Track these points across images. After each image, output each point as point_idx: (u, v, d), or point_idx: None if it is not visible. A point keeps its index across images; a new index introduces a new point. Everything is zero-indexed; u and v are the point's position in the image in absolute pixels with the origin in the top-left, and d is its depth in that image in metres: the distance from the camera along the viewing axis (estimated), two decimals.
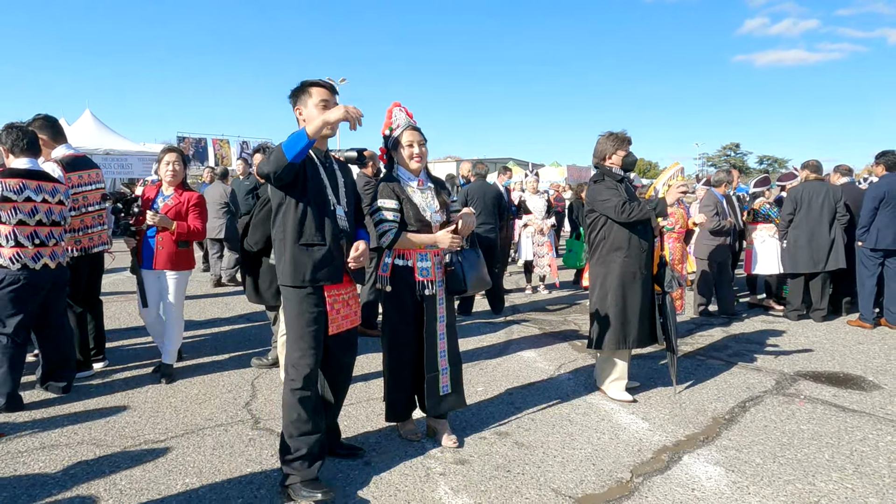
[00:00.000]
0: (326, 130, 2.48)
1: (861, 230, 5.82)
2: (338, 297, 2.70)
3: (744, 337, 5.48)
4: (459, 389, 3.16)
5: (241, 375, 4.27)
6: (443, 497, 2.59)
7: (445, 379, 3.08)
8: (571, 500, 2.57)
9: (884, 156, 5.89)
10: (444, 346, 3.07)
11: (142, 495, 2.58)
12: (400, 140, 3.01)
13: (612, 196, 3.62)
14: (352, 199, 2.83)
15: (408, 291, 2.99)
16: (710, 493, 2.63)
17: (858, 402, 3.79)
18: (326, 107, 2.61)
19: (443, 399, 3.07)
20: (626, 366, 3.78)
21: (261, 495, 2.59)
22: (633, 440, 3.19)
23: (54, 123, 4.16)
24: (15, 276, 3.49)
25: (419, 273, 2.99)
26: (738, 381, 4.19)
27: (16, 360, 3.54)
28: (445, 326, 3.08)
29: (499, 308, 6.50)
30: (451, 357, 3.11)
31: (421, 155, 3.01)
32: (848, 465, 2.91)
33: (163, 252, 4.04)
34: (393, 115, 3.06)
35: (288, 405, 2.58)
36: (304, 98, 2.66)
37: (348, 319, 2.77)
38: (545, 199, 7.97)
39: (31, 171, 3.60)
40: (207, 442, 3.14)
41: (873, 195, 5.74)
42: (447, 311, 3.10)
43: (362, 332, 5.32)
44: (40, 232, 3.57)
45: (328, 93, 2.68)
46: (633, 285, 3.68)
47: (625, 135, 3.77)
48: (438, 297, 3.04)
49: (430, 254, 3.02)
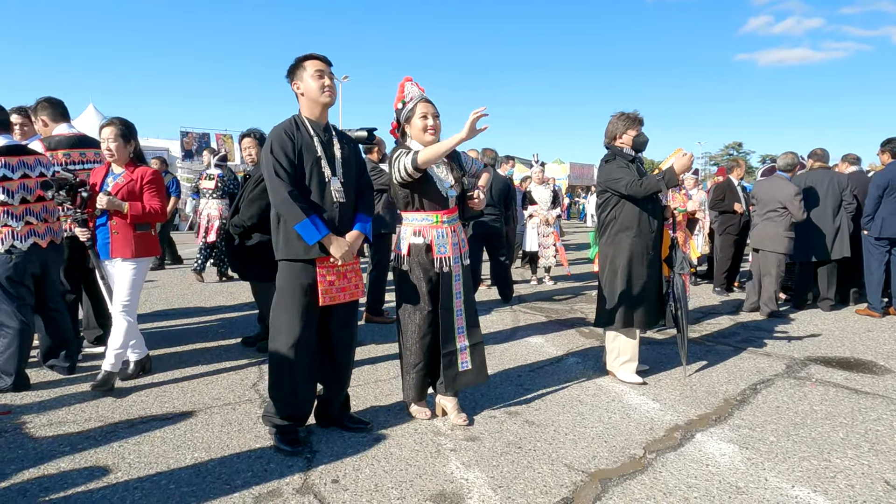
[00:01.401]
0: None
1: (866, 219, 5.78)
2: (332, 268, 2.72)
3: (752, 324, 5.45)
4: (481, 366, 3.10)
5: (248, 357, 4.24)
6: (454, 471, 2.56)
7: (465, 355, 3.04)
8: (584, 475, 2.55)
9: (889, 143, 5.80)
10: (461, 323, 3.02)
11: (151, 468, 2.56)
12: (413, 113, 2.97)
13: (625, 175, 3.59)
14: (351, 173, 2.84)
15: (423, 270, 2.96)
16: (724, 469, 2.60)
17: (870, 384, 3.76)
18: (322, 76, 2.72)
19: (461, 374, 3.03)
20: (635, 348, 3.75)
21: (270, 468, 2.57)
22: (644, 419, 3.17)
23: (56, 104, 4.12)
24: (6, 257, 3.47)
25: (437, 250, 2.95)
26: (748, 365, 4.16)
27: (22, 339, 3.52)
28: (463, 303, 3.03)
29: (508, 296, 6.47)
30: (471, 334, 3.07)
31: (435, 127, 2.97)
32: (863, 444, 2.88)
33: (119, 238, 3.52)
34: (405, 89, 3.02)
35: (270, 366, 2.76)
36: (300, 73, 2.76)
37: (346, 292, 2.78)
38: (550, 190, 7.93)
39: (10, 146, 3.54)
40: (216, 419, 3.11)
41: (877, 183, 5.68)
42: (465, 288, 3.05)
43: (368, 318, 5.32)
44: (28, 209, 3.54)
45: (322, 63, 2.75)
46: (641, 265, 3.66)
47: (637, 115, 3.74)
48: (455, 273, 3.00)
49: (447, 230, 2.98)
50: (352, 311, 2.93)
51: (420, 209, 2.96)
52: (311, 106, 2.77)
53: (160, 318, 5.53)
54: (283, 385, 2.76)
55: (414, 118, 2.96)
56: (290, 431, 2.79)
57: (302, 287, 2.69)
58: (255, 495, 2.35)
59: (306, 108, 2.79)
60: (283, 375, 2.75)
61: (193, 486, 2.41)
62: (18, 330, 3.49)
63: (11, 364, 3.47)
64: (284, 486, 2.42)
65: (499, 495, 2.37)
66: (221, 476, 2.50)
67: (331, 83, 2.77)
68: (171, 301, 6.37)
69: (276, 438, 2.77)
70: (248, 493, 2.36)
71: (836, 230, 5.99)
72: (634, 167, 3.67)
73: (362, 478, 2.50)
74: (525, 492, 2.40)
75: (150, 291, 6.88)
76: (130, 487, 2.40)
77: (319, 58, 2.76)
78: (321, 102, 2.75)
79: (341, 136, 2.88)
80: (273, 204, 2.66)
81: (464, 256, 3.07)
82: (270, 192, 2.65)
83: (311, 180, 2.69)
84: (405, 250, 2.98)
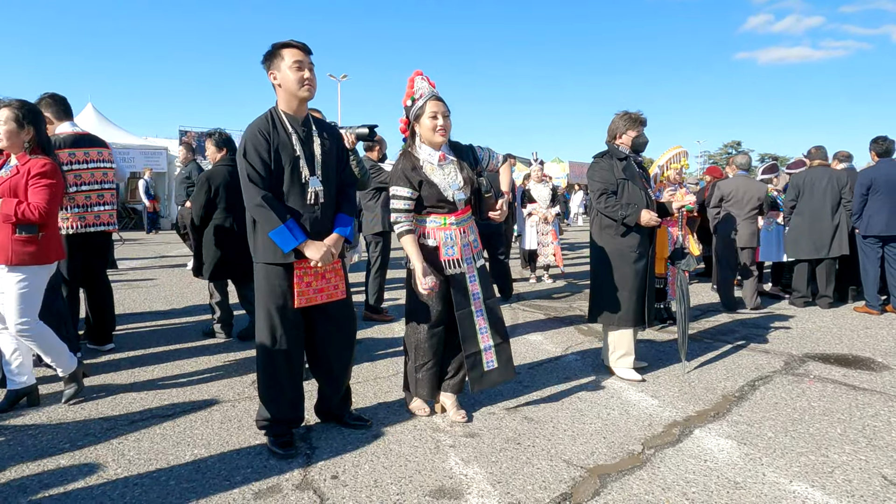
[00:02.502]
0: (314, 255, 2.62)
1: (854, 217, 5.87)
2: (309, 269, 2.66)
3: (750, 322, 5.46)
4: (507, 363, 3.06)
5: (247, 356, 4.24)
6: (453, 467, 2.57)
7: (490, 354, 2.99)
8: (583, 471, 2.55)
9: (875, 142, 5.92)
10: (483, 323, 2.98)
11: (150, 465, 2.56)
12: (423, 111, 2.87)
13: (601, 181, 3.68)
14: (332, 170, 2.74)
15: (432, 269, 2.88)
16: (722, 464, 2.61)
17: (868, 381, 3.77)
18: (300, 68, 2.57)
19: (487, 374, 3.00)
20: (631, 341, 3.76)
21: (270, 465, 2.57)
22: (643, 416, 3.17)
23: (59, 101, 4.11)
24: None
25: (444, 252, 2.92)
26: (746, 362, 4.17)
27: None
28: (483, 303, 2.99)
29: (507, 294, 6.46)
30: (495, 333, 3.02)
31: (445, 127, 2.86)
32: (861, 439, 2.89)
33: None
34: (415, 84, 2.91)
35: (257, 368, 2.75)
36: (277, 62, 2.59)
37: (323, 293, 2.72)
38: (549, 188, 7.94)
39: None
40: (215, 416, 3.12)
41: (861, 182, 5.80)
42: (482, 288, 3.00)
43: (367, 316, 5.33)
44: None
45: (301, 53, 2.59)
46: (624, 263, 3.66)
47: (639, 115, 3.74)
48: (469, 274, 2.96)
49: (455, 232, 2.93)
50: (343, 312, 2.84)
51: (426, 213, 2.92)
52: (288, 99, 2.63)
53: (159, 318, 5.53)
54: (270, 386, 2.71)
55: (423, 117, 2.86)
56: (282, 434, 2.73)
57: (280, 289, 2.64)
58: (255, 491, 2.35)
59: (283, 101, 2.65)
60: (269, 376, 2.70)
61: (193, 483, 2.42)
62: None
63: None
64: (284, 482, 2.43)
65: (498, 491, 2.37)
66: (221, 472, 2.51)
67: (311, 76, 2.61)
68: (170, 300, 6.38)
69: (270, 441, 2.71)
70: (247, 489, 2.36)
71: (836, 228, 6.01)
72: (622, 166, 3.68)
73: (362, 474, 2.51)
74: (524, 487, 2.40)
75: (149, 290, 6.88)
76: (130, 484, 2.40)
77: (298, 46, 2.58)
78: (299, 97, 2.61)
79: (321, 129, 2.75)
80: (248, 209, 2.58)
81: (477, 256, 3.02)
82: (245, 196, 2.56)
83: (288, 181, 2.59)
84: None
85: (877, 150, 5.88)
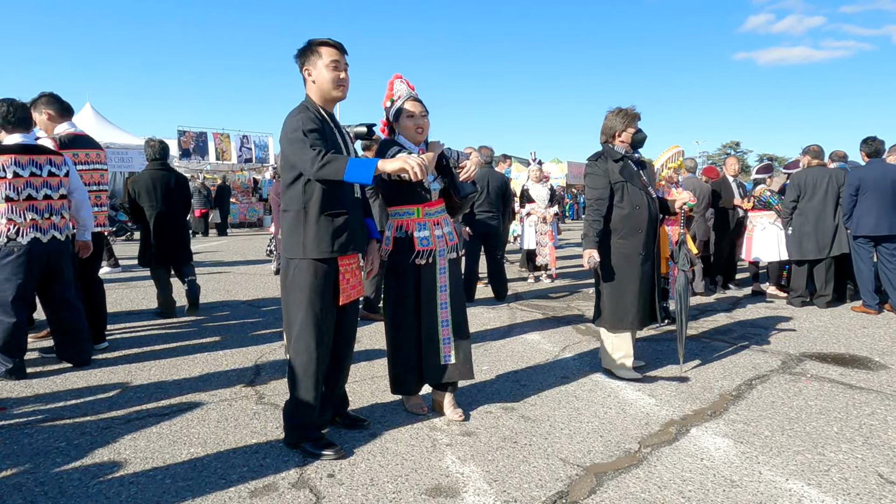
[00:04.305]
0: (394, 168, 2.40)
1: (845, 217, 5.91)
2: (348, 266, 2.69)
3: (748, 321, 5.46)
4: (466, 361, 3.07)
5: (244, 355, 4.24)
6: (450, 466, 2.57)
7: (448, 348, 3.01)
8: (580, 469, 2.55)
9: (865, 143, 5.96)
10: (445, 316, 3.01)
11: (147, 463, 2.56)
12: (401, 111, 2.97)
13: (591, 187, 3.68)
14: None
15: (408, 264, 2.96)
16: (719, 463, 2.61)
17: (865, 380, 3.77)
18: (337, 68, 2.59)
19: (444, 368, 3.02)
20: (630, 344, 3.76)
21: (266, 463, 2.57)
22: (639, 414, 3.17)
23: (59, 100, 4.13)
24: (8, 250, 3.49)
25: (418, 243, 2.96)
26: (743, 361, 4.18)
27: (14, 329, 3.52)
28: (449, 296, 3.02)
29: (502, 294, 6.47)
30: (456, 329, 3.04)
31: (422, 126, 2.96)
32: (857, 438, 2.89)
33: None
34: (394, 87, 3.02)
35: (295, 372, 2.60)
36: (314, 59, 2.60)
37: (356, 290, 2.80)
38: (548, 188, 7.94)
39: (24, 146, 3.58)
40: (212, 415, 3.11)
41: (850, 182, 5.84)
42: (451, 282, 3.04)
43: (365, 315, 5.33)
44: (32, 206, 3.56)
45: (338, 52, 2.60)
46: (628, 266, 3.65)
47: (633, 111, 3.73)
48: (440, 265, 3.01)
49: (428, 223, 2.99)
50: (356, 309, 2.93)
51: (402, 203, 2.98)
52: (321, 96, 2.63)
53: (156, 317, 5.53)
54: (316, 389, 2.63)
55: (402, 117, 2.96)
56: (319, 436, 2.68)
57: (325, 287, 2.59)
58: (251, 490, 2.35)
59: (316, 97, 2.64)
60: (316, 380, 2.61)
61: (189, 481, 2.41)
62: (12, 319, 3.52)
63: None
64: (280, 480, 2.43)
65: (494, 489, 2.37)
66: (217, 471, 2.51)
67: (346, 76, 2.63)
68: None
69: (310, 446, 2.62)
70: (243, 488, 2.36)
71: (836, 227, 6.02)
72: (619, 167, 3.65)
73: (358, 472, 2.50)
74: (520, 485, 2.40)
75: (148, 290, 6.87)
76: (126, 482, 2.40)
77: (337, 46, 2.59)
78: (333, 96, 2.63)
79: (342, 131, 2.83)
80: (312, 175, 2.41)
81: (450, 250, 3.05)
82: (305, 166, 2.40)
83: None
84: (390, 245, 3.00)
85: (867, 151, 5.94)
